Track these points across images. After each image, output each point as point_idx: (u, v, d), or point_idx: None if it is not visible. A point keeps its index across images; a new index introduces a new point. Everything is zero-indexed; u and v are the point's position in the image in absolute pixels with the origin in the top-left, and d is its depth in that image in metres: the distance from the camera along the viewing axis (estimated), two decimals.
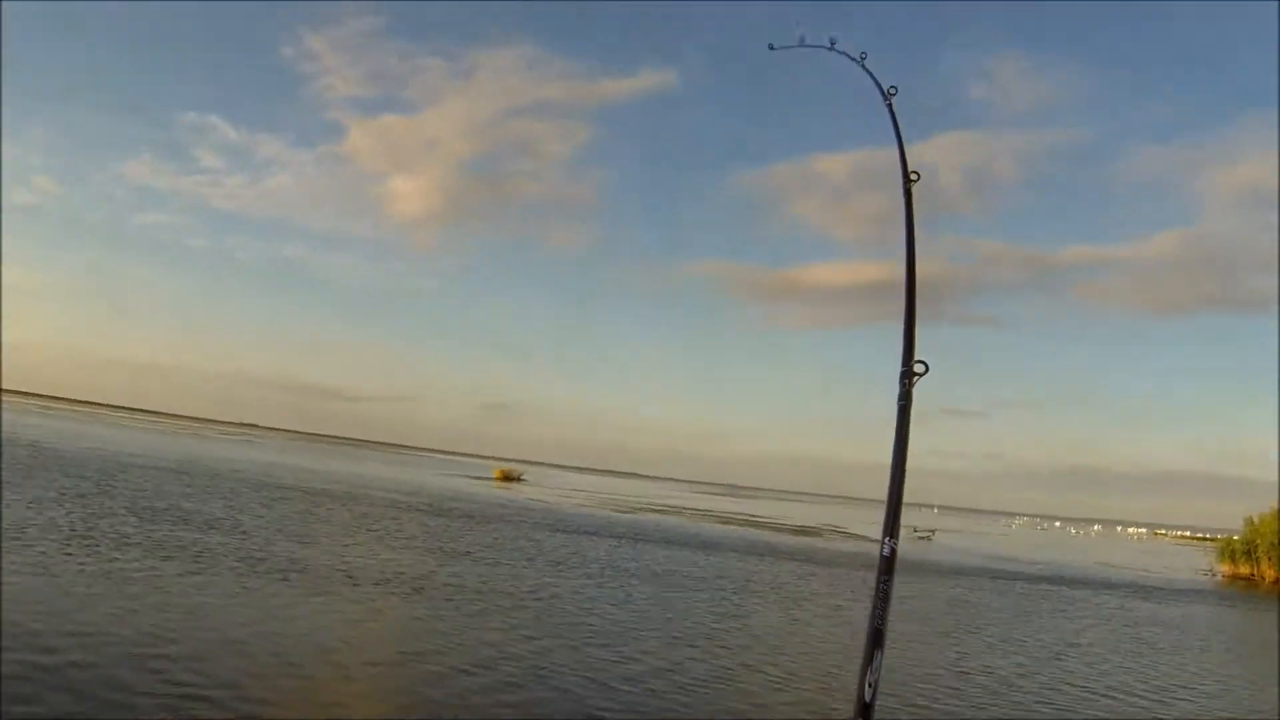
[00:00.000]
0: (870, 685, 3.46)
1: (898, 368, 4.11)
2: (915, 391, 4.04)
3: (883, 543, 3.72)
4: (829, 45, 5.86)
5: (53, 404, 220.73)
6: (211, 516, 30.07)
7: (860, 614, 26.29)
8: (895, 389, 4.09)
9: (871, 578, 4.03)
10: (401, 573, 23.74)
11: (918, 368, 3.93)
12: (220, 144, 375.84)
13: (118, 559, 20.10)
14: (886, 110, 5.15)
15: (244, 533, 27.30)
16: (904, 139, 4.91)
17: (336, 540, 28.84)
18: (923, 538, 78.43)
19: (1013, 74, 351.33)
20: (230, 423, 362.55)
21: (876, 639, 3.59)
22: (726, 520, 74.20)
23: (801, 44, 5.99)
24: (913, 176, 4.67)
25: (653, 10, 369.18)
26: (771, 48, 6.27)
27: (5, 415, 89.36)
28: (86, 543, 21.48)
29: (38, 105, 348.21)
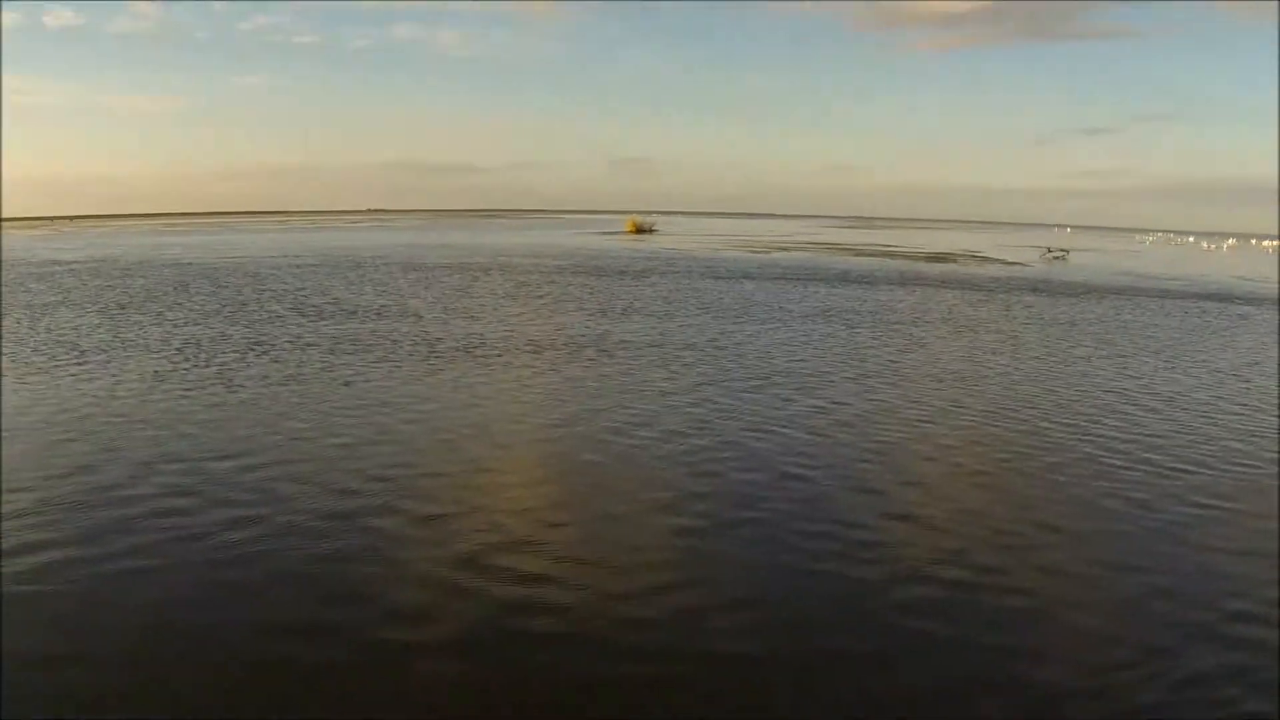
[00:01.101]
0: None
1: (1027, 92, 2.85)
2: (1041, 116, 2.78)
3: None
4: None
5: (190, 221, 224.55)
6: (375, 305, 29.90)
7: (1030, 337, 25.38)
8: (1025, 112, 2.82)
9: (1019, 299, 2.96)
10: (579, 336, 23.36)
11: None
12: None
13: (306, 361, 19.89)
14: None
15: (415, 316, 27.07)
16: None
17: (501, 311, 28.55)
18: (1057, 258, 75.71)
19: None
20: (360, 210, 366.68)
21: None
22: (862, 252, 72.69)
23: None
24: None
25: None
26: None
27: (148, 239, 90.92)
28: (267, 350, 21.34)
29: None
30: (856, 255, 67.74)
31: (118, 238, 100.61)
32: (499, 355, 20.73)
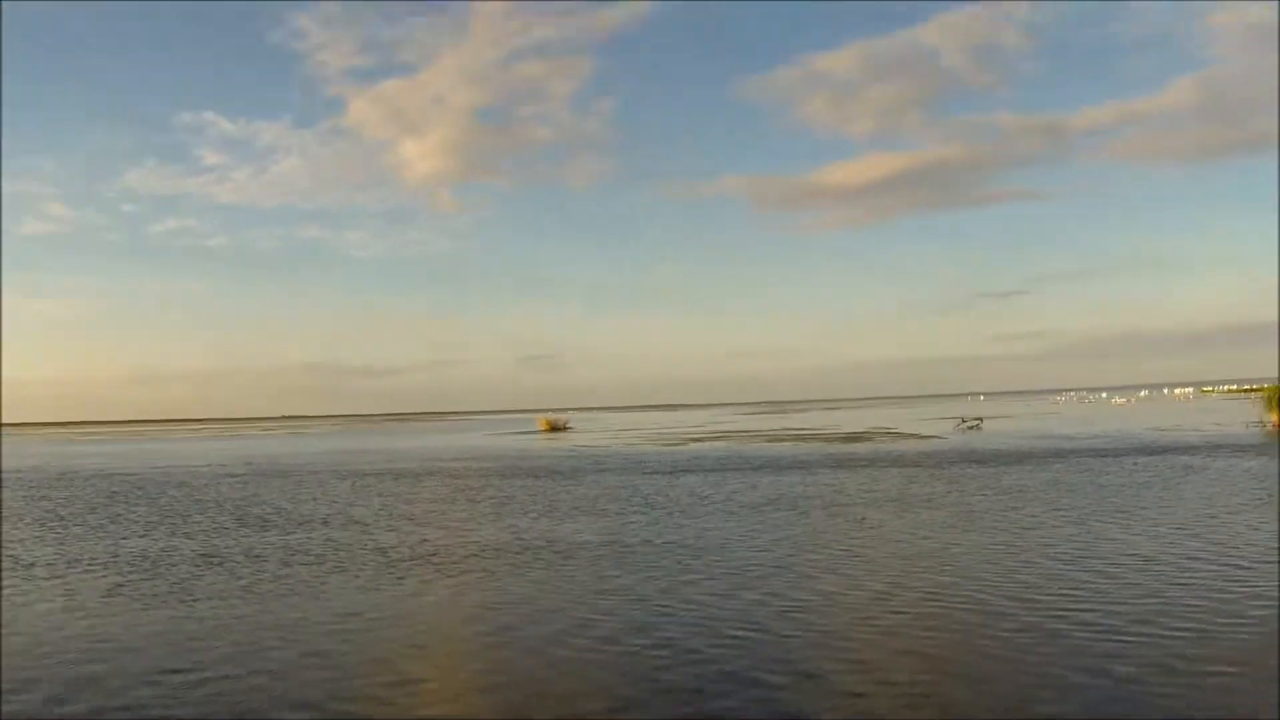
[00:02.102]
0: None
1: (932, 262, 3.24)
2: (947, 284, 3.16)
3: None
4: None
5: (101, 429, 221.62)
6: (319, 514, 29.67)
7: (979, 506, 25.87)
8: (931, 282, 3.20)
9: (952, 471, 3.29)
10: (532, 538, 23.38)
11: None
12: (220, 139, 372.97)
13: (261, 571, 19.71)
14: None
15: (361, 524, 26.91)
16: (902, 24, 4.02)
17: (448, 516, 28.52)
18: (971, 427, 77.36)
19: None
20: (275, 417, 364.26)
21: None
22: (779, 438, 73.34)
23: None
24: None
25: None
26: None
27: (58, 448, 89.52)
28: (217, 562, 21.10)
29: (37, 129, 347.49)
30: (774, 441, 68.37)
31: (31, 446, 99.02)
32: (455, 561, 20.62)
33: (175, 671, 12.40)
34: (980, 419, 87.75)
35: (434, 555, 21.49)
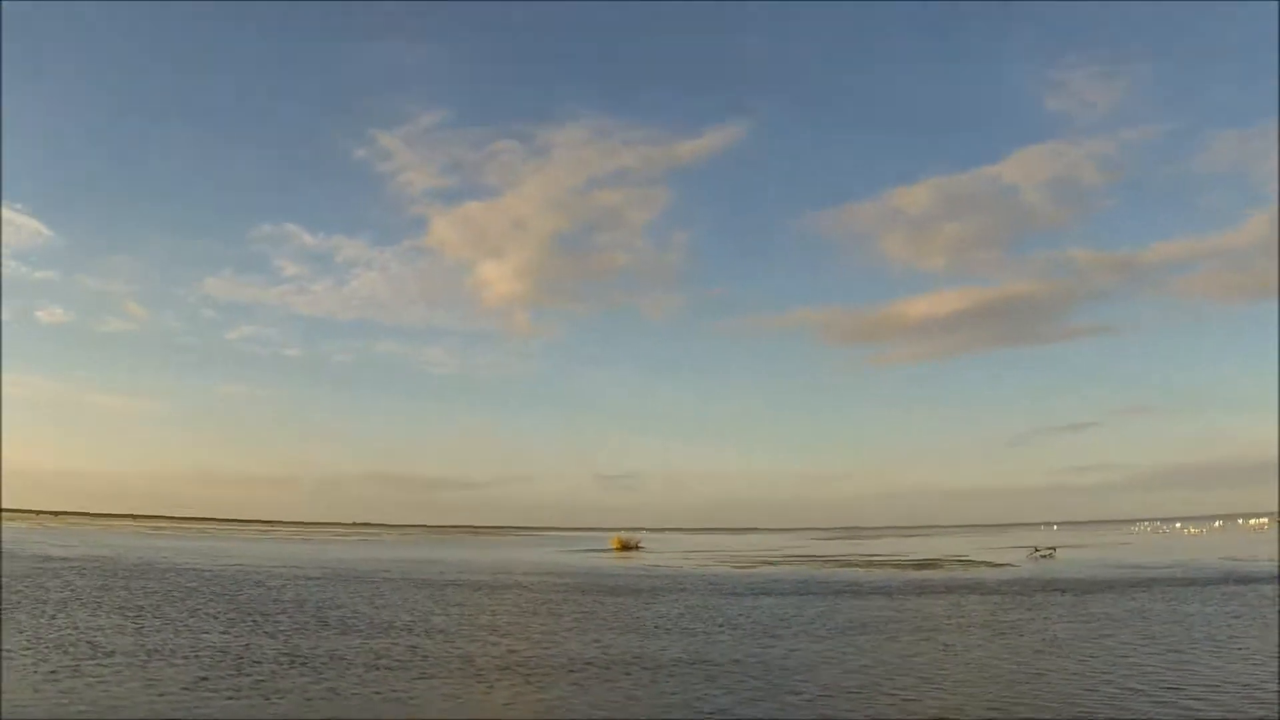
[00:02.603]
0: None
1: (1003, 395, 2.70)
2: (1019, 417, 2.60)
3: None
4: None
5: (169, 524, 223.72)
6: (398, 620, 29.21)
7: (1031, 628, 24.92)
8: (1002, 415, 2.67)
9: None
10: (618, 654, 22.75)
11: None
12: (300, 251, 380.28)
13: (344, 674, 19.26)
14: None
15: (442, 632, 26.42)
16: (981, 160, 3.59)
17: (527, 628, 27.94)
18: (1045, 556, 75.24)
19: (1083, 80, 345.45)
20: (346, 523, 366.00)
21: None
22: (850, 563, 71.67)
23: None
24: None
25: (719, 65, 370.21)
26: None
27: (130, 540, 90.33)
28: (300, 662, 20.68)
29: (117, 230, 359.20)
30: (848, 566, 66.77)
31: (106, 537, 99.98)
32: (542, 674, 20.05)
33: None
34: (1053, 548, 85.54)
35: (520, 666, 20.97)
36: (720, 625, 28.89)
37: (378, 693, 17.51)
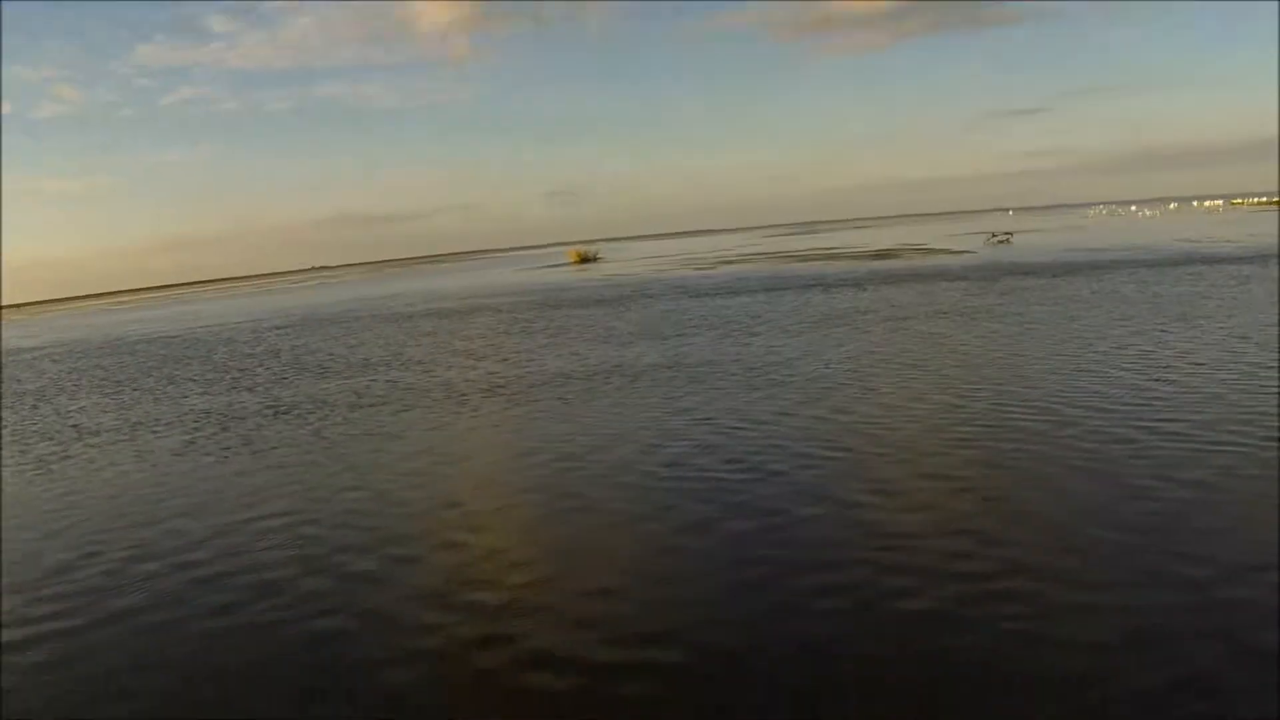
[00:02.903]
0: None
1: (953, 81, 2.58)
2: (969, 102, 2.53)
3: None
4: None
5: (132, 297, 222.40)
6: (374, 357, 29.48)
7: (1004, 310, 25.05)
8: (952, 101, 2.56)
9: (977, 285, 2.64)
10: (598, 365, 23.19)
11: None
12: (228, 7, 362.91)
13: (328, 417, 19.48)
14: None
15: (419, 363, 26.77)
16: None
17: (502, 350, 28.30)
18: (1001, 241, 75.43)
19: None
20: (304, 269, 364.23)
21: None
22: (808, 257, 72.37)
23: None
24: None
25: None
26: None
27: (96, 319, 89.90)
28: (283, 411, 20.96)
29: (45, 14, 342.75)
30: (808, 261, 67.45)
31: (71, 319, 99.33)
32: (523, 390, 20.40)
33: (250, 520, 12.38)
34: (1010, 233, 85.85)
35: (501, 387, 21.29)
36: (695, 327, 29.32)
37: (365, 431, 17.73)
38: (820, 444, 13.53)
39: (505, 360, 25.68)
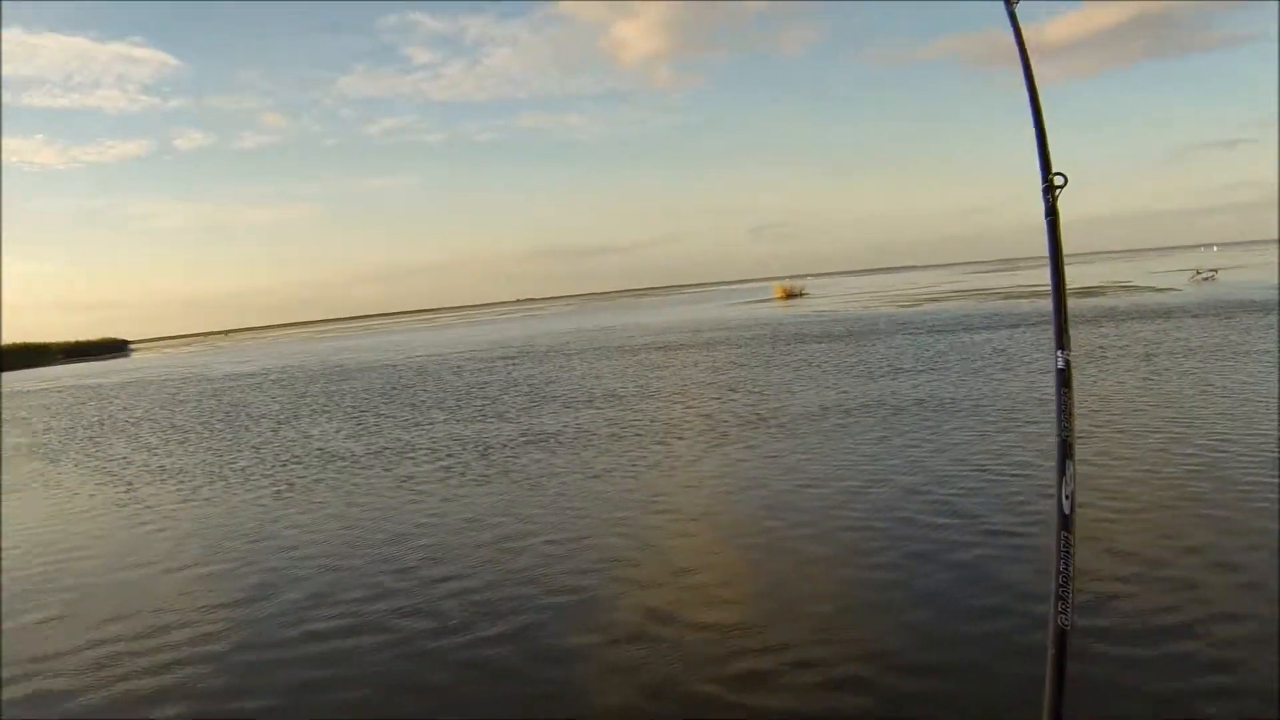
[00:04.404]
0: (1067, 497, 3.30)
1: (1159, 109, 1.89)
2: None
3: (1055, 356, 3.44)
4: None
5: (335, 326, 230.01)
6: (615, 388, 29.25)
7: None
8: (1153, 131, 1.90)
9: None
10: (851, 400, 22.43)
11: (1057, 179, 3.49)
12: (429, 37, 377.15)
13: (590, 448, 19.13)
14: None
15: (663, 395, 26.47)
16: None
17: (749, 382, 27.71)
18: (1206, 279, 71.16)
19: None
20: (508, 301, 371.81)
21: (1066, 450, 3.34)
22: (1012, 295, 69.11)
23: None
24: None
25: None
26: None
27: (306, 346, 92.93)
28: (541, 440, 20.73)
29: (242, 45, 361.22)
30: (1010, 299, 64.77)
31: (280, 347, 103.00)
32: (791, 424, 19.73)
33: (509, 539, 12.46)
34: (1215, 270, 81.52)
35: (762, 420, 20.74)
36: (938, 364, 28.24)
37: (629, 461, 17.38)
38: (1096, 492, 12.50)
39: (757, 393, 25.12)
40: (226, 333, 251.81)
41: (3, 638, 10.16)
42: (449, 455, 19.68)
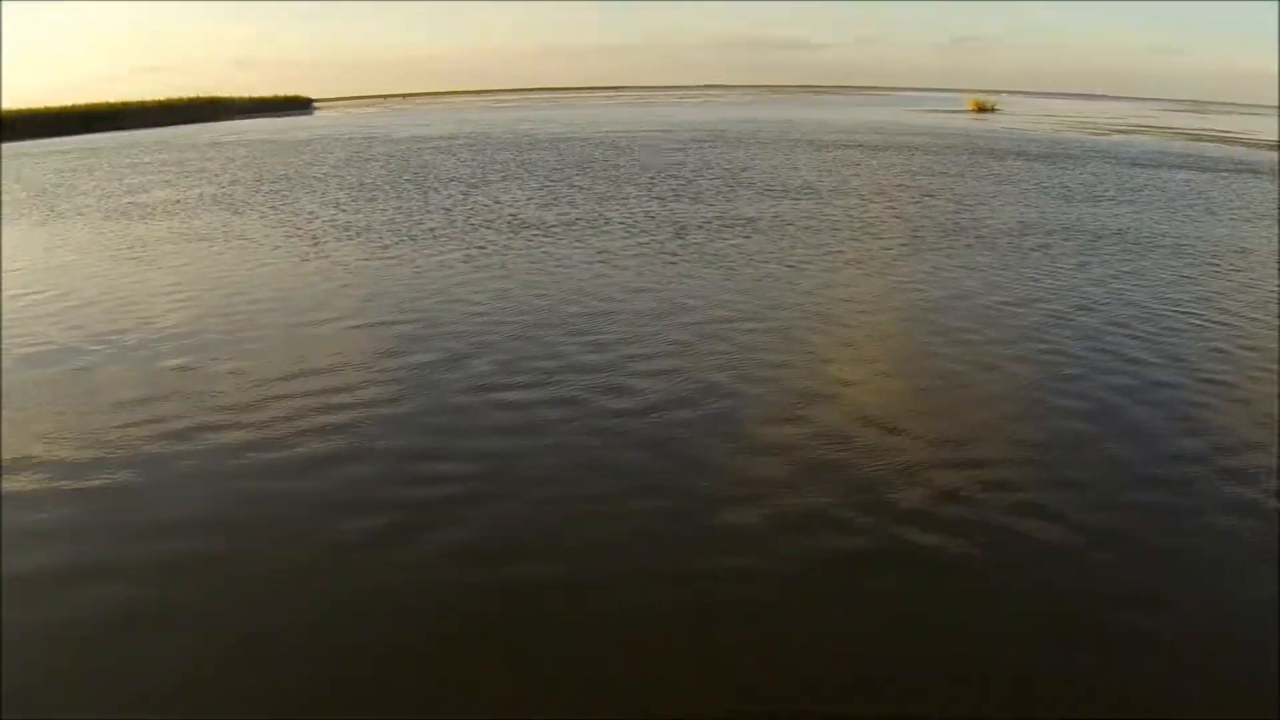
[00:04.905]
0: None
1: None
2: None
3: None
4: None
5: (511, 95, 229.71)
6: (811, 181, 28.50)
7: None
8: None
9: None
10: (1049, 220, 21.57)
11: None
12: None
13: (790, 237, 18.63)
14: None
15: (858, 193, 25.51)
16: None
17: (944, 190, 26.65)
18: None
19: None
20: (692, 86, 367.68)
21: None
22: (1201, 138, 63.60)
23: None
24: None
25: None
26: None
27: (485, 114, 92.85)
28: (740, 224, 20.32)
29: None
30: (1198, 140, 60.15)
31: (460, 113, 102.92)
32: (990, 237, 19.02)
33: (705, 323, 12.45)
34: None
35: (961, 230, 20.08)
36: (1137, 197, 26.58)
37: (839, 253, 17.06)
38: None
39: (956, 202, 24.26)
40: (405, 95, 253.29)
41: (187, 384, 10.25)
42: (645, 232, 19.49)
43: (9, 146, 58.71)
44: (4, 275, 16.43)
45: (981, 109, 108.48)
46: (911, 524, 6.94)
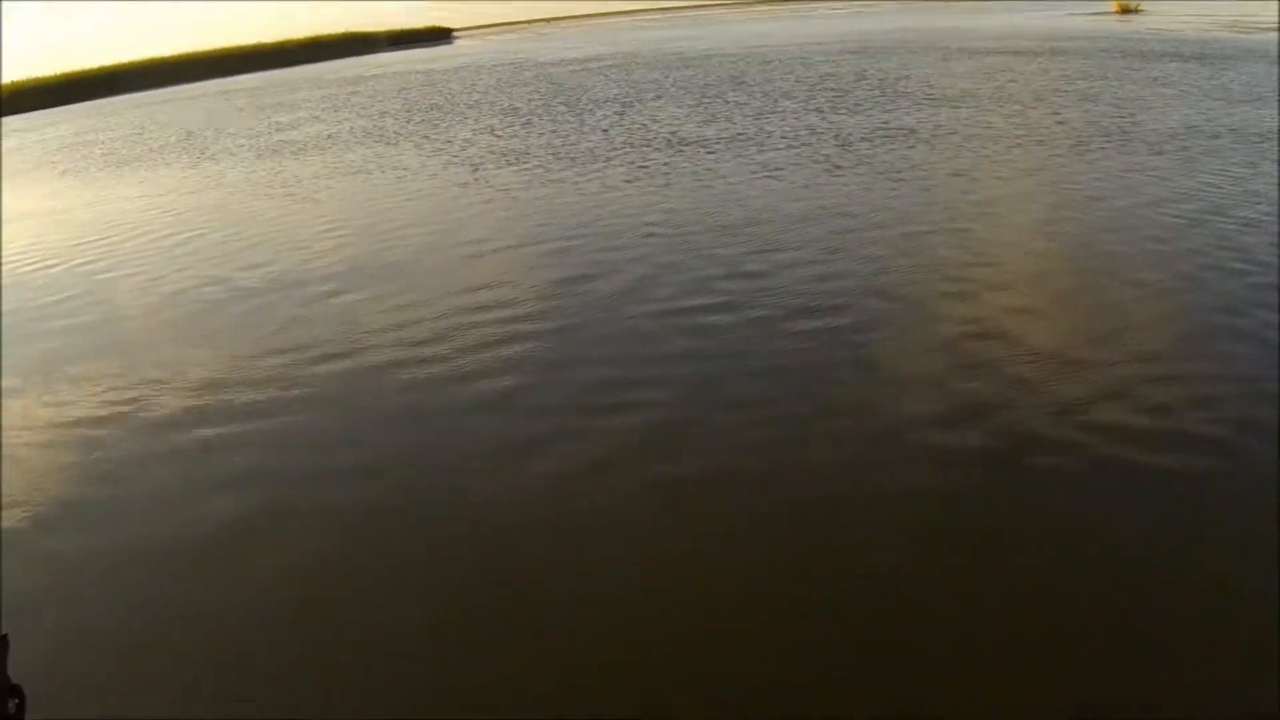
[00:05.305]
0: None
1: None
2: None
3: None
4: None
5: (651, 14, 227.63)
6: (972, 90, 27.97)
7: None
8: None
9: None
10: (1217, 124, 20.84)
11: None
12: None
13: (947, 146, 18.67)
14: None
15: (1023, 103, 25.15)
16: None
17: (1111, 97, 25.89)
18: None
19: None
20: None
21: None
22: None
23: None
24: None
25: None
26: None
27: (631, 34, 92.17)
28: (903, 135, 20.43)
29: None
30: None
31: (607, 35, 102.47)
32: (1156, 143, 18.60)
33: (869, 229, 12.84)
34: None
35: (1125, 133, 19.66)
36: None
37: (1005, 158, 17.30)
38: None
39: (1115, 105, 23.73)
40: (549, 20, 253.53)
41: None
42: (804, 144, 19.79)
43: (159, 93, 60.09)
44: (164, 218, 17.14)
45: (1126, 10, 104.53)
46: (1133, 442, 6.83)
